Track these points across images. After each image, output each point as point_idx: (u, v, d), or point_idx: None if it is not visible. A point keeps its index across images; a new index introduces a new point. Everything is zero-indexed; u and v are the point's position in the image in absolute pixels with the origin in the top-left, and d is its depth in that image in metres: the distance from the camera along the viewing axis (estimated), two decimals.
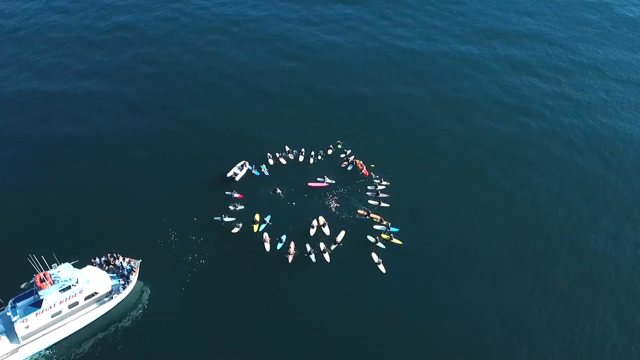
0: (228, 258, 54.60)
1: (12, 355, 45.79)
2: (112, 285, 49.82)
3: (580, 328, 49.57)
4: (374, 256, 54.63)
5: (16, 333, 45.35)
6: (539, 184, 63.80)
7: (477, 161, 66.66)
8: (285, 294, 51.60)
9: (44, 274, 45.85)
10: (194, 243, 55.58)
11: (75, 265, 48.46)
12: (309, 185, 62.27)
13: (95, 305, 48.81)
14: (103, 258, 52.13)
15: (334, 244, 55.63)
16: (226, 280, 52.66)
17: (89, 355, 46.99)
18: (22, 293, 47.11)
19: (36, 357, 47.10)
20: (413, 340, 48.23)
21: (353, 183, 62.97)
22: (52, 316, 46.62)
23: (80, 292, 47.18)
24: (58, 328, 47.30)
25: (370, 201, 60.68)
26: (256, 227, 57.25)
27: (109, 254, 52.42)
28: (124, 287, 50.26)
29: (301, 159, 65.90)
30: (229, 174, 62.81)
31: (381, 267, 53.76)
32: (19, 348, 45.88)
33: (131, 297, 50.86)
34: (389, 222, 57.70)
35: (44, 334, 46.71)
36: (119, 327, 48.90)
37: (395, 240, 56.28)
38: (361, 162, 64.69)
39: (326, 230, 56.95)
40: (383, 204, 60.13)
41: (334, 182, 62.72)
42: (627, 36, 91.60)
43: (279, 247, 55.47)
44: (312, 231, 56.77)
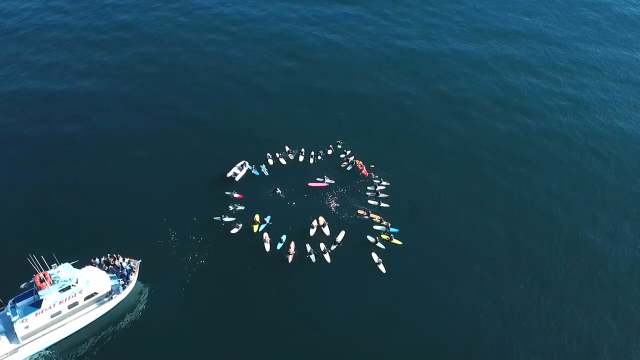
0: (228, 258, 54.57)
1: (12, 355, 45.74)
2: (112, 285, 49.80)
3: (579, 328, 49.62)
4: (374, 256, 54.64)
5: (16, 333, 45.31)
6: (538, 184, 63.87)
7: (477, 161, 66.72)
8: (285, 294, 51.56)
9: (44, 274, 45.82)
10: (194, 243, 55.57)
11: (75, 265, 48.41)
12: (309, 185, 62.27)
13: (94, 305, 48.77)
14: (103, 258, 52.07)
15: (334, 244, 55.61)
16: (226, 280, 52.65)
17: (89, 355, 46.96)
18: (22, 293, 47.05)
19: (36, 357, 47.05)
20: (413, 340, 48.25)
21: (353, 183, 62.99)
22: (52, 316, 46.58)
23: (80, 292, 47.15)
24: (58, 328, 47.24)
25: (370, 201, 60.70)
26: (256, 227, 57.23)
27: (109, 254, 52.35)
28: (124, 288, 50.22)
29: (301, 159, 65.90)
30: (229, 174, 62.79)
31: (381, 267, 53.79)
32: (19, 348, 45.84)
33: (131, 298, 50.81)
34: (389, 223, 57.73)
35: (44, 334, 46.66)
36: (119, 328, 48.86)
37: (395, 240, 56.29)
38: (361, 163, 64.69)
39: (326, 230, 56.95)
40: (383, 204, 60.15)
41: (334, 182, 62.73)
42: (626, 36, 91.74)
43: (279, 247, 55.45)
44: (312, 231, 56.76)
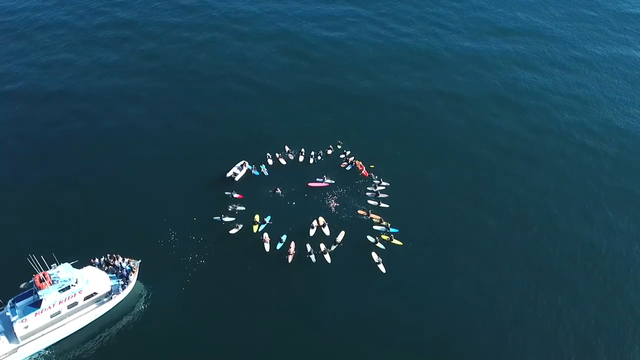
0: (228, 258, 54.50)
1: (12, 355, 45.70)
2: (112, 285, 49.74)
3: (576, 327, 49.60)
4: (374, 256, 54.56)
5: (15, 333, 45.26)
6: (540, 183, 63.81)
7: (478, 161, 66.64)
8: (285, 294, 51.49)
9: (44, 274, 45.78)
10: (194, 243, 55.50)
11: (74, 265, 48.37)
12: (309, 185, 62.19)
13: (94, 305, 48.71)
14: (102, 258, 51.99)
15: (334, 244, 55.54)
16: (226, 280, 52.58)
17: (89, 355, 46.90)
18: (22, 293, 47.00)
19: (35, 357, 47.00)
20: (413, 340, 48.19)
21: (353, 183, 62.90)
22: (52, 316, 46.52)
23: (79, 293, 47.10)
24: (57, 328, 47.17)
25: (370, 201, 60.62)
26: (256, 228, 57.16)
27: (109, 254, 52.26)
28: (124, 288, 50.15)
29: (301, 159, 65.81)
30: (229, 174, 62.72)
31: (381, 267, 53.72)
32: (18, 348, 45.78)
33: (130, 298, 50.74)
34: (389, 223, 57.65)
35: (43, 334, 46.60)
36: (118, 328, 48.80)
37: (395, 241, 56.21)
38: (361, 163, 64.58)
39: (326, 230, 56.88)
40: (383, 205, 60.06)
41: (334, 182, 62.65)
42: (627, 32, 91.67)
43: (279, 247, 55.38)
44: (312, 231, 56.69)
